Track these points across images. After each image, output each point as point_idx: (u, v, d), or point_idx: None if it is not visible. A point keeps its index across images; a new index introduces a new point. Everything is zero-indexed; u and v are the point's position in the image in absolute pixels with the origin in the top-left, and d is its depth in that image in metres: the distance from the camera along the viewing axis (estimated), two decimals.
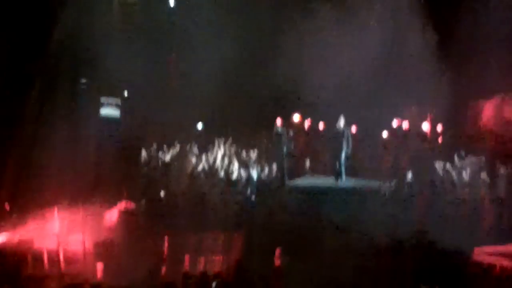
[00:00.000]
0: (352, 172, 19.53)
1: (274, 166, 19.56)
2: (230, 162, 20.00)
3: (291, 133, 20.28)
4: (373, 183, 18.61)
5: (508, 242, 12.70)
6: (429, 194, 18.27)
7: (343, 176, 19.18)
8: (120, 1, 25.82)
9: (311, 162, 21.71)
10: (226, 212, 16.84)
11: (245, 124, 24.18)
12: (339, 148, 19.22)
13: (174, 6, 25.39)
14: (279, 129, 20.18)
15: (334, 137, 19.44)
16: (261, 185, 18.57)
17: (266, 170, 19.62)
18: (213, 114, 23.82)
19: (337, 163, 19.18)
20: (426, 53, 21.29)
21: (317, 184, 18.85)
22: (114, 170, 18.55)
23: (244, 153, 21.37)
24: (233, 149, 21.80)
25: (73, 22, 21.16)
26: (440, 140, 25.44)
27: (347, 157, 19.26)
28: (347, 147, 19.26)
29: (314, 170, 20.52)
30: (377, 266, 14.56)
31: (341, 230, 15.61)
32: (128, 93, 23.23)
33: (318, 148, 22.70)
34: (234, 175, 19.25)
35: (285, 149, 19.81)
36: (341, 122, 19.53)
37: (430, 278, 13.14)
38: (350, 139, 19.39)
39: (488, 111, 23.84)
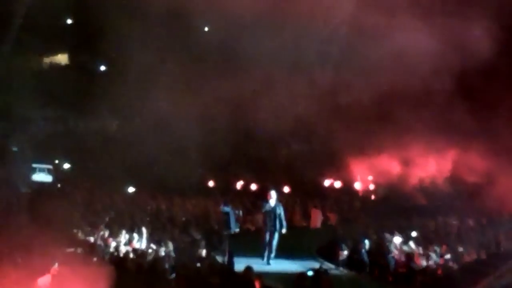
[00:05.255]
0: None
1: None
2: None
3: (238, 212, 17.22)
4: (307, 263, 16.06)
5: None
6: None
7: (271, 257, 16.36)
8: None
9: None
10: None
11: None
12: (272, 226, 16.31)
13: None
14: (225, 208, 16.66)
15: (267, 215, 16.41)
16: None
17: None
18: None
19: (266, 243, 16.30)
20: None
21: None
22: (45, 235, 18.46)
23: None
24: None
25: None
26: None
27: (279, 236, 16.36)
28: (280, 227, 16.34)
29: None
30: None
31: None
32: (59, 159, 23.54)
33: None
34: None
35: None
36: (273, 198, 16.48)
37: None
38: (283, 217, 16.42)
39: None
